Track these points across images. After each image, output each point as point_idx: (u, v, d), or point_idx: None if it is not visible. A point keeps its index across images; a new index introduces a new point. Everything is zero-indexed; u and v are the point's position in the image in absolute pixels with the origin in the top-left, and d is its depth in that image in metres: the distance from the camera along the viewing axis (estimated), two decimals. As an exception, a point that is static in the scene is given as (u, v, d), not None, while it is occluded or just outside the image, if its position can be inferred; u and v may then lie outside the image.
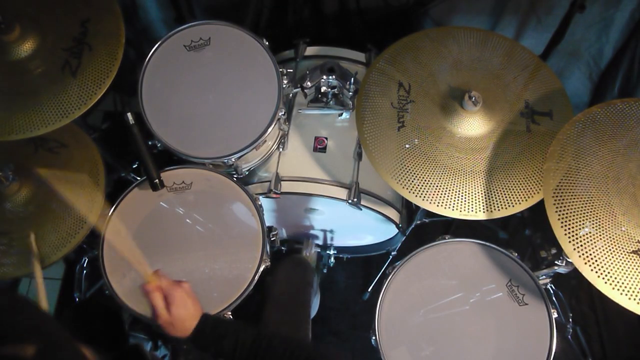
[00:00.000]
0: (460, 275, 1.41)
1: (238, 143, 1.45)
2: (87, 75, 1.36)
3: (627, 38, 1.88)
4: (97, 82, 1.36)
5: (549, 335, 1.32)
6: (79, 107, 1.34)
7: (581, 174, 1.21)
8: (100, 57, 1.38)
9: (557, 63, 2.03)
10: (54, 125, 1.33)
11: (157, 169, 1.40)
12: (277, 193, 1.55)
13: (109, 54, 1.38)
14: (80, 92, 1.35)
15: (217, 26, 1.55)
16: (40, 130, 1.32)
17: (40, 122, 1.32)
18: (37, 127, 1.32)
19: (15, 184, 1.45)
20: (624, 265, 1.11)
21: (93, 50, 1.39)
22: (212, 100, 1.49)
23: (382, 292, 1.40)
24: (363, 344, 2.09)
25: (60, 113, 1.33)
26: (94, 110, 1.40)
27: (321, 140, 1.66)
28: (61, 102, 1.33)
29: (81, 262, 1.97)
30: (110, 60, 1.38)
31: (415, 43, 1.53)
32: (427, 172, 1.35)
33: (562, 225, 1.16)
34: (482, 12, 1.98)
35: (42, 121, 1.32)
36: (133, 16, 2.10)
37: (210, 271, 1.33)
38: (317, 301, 1.96)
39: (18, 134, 1.32)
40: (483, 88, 1.43)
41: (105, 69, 1.37)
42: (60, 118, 1.33)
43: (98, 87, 1.35)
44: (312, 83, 1.61)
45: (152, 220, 1.40)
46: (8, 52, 1.35)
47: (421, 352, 1.33)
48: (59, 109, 1.33)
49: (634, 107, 1.29)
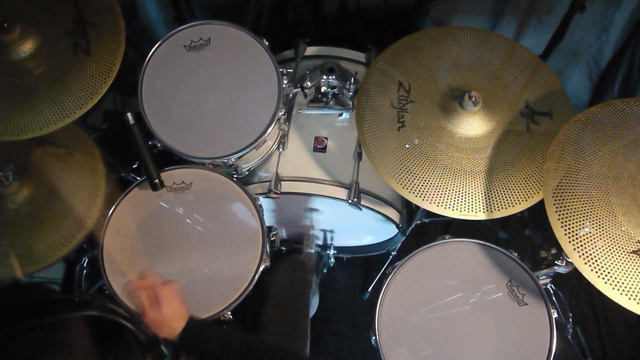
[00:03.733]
0: (460, 275, 1.41)
1: (238, 143, 1.45)
2: (100, 50, 1.38)
3: (627, 38, 1.88)
4: (112, 53, 1.38)
5: (549, 335, 1.32)
6: (80, 106, 1.34)
7: (581, 174, 1.21)
8: (105, 30, 1.40)
9: (557, 63, 2.03)
10: (54, 125, 1.33)
11: (157, 169, 1.40)
12: (277, 193, 1.55)
13: (109, 54, 1.38)
14: (99, 68, 1.37)
15: (217, 26, 1.55)
16: (42, 131, 1.32)
17: (40, 122, 1.33)
18: (37, 127, 1.32)
19: (16, 184, 1.45)
20: (624, 265, 1.11)
21: (96, 26, 1.40)
22: (212, 100, 1.49)
23: (382, 292, 1.40)
24: (363, 344, 2.09)
25: (60, 113, 1.33)
26: (94, 110, 1.40)
27: (321, 140, 1.66)
28: (61, 102, 1.34)
29: (81, 262, 1.96)
30: (110, 60, 1.38)
31: (415, 43, 1.53)
32: (427, 172, 1.35)
33: (562, 225, 1.16)
34: (482, 12, 1.98)
35: (42, 121, 1.33)
36: (133, 16, 2.10)
37: (210, 271, 1.33)
38: (316, 301, 1.96)
39: (19, 134, 1.32)
40: (483, 88, 1.43)
41: (105, 68, 1.37)
42: (61, 118, 1.33)
43: (112, 63, 1.37)
44: (312, 83, 1.61)
45: (152, 220, 1.40)
46: (8, 52, 1.35)
47: (421, 352, 1.33)
48: (59, 109, 1.33)
49: (634, 107, 1.29)
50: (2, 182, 1.41)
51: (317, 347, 1.55)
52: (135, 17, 2.11)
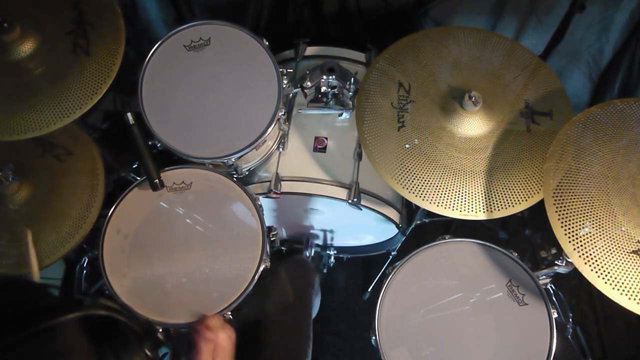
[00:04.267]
0: (460, 275, 1.41)
1: (238, 143, 1.45)
2: (100, 50, 1.38)
3: (627, 38, 1.88)
4: (112, 54, 1.38)
5: (549, 335, 1.32)
6: (80, 106, 1.34)
7: (581, 174, 1.21)
8: (105, 30, 1.40)
9: (557, 63, 2.03)
10: (54, 125, 1.33)
11: (157, 169, 1.40)
12: (277, 193, 1.55)
13: (109, 54, 1.38)
14: (99, 68, 1.37)
15: (217, 26, 1.55)
16: (42, 131, 1.32)
17: (40, 122, 1.33)
18: (37, 127, 1.32)
19: (15, 184, 1.45)
20: (624, 265, 1.11)
21: (96, 26, 1.40)
22: (212, 100, 1.49)
23: (382, 292, 1.40)
24: (363, 344, 2.09)
25: (60, 113, 1.33)
26: (94, 110, 1.40)
27: (321, 140, 1.66)
28: (61, 102, 1.34)
29: (81, 262, 1.96)
30: (110, 60, 1.38)
31: (415, 43, 1.53)
32: (427, 172, 1.35)
33: (562, 225, 1.16)
34: (482, 12, 1.98)
35: (42, 121, 1.33)
36: (133, 16, 2.10)
37: (210, 271, 1.33)
38: (317, 302, 1.96)
39: (19, 134, 1.32)
40: (483, 88, 1.43)
41: (105, 68, 1.37)
42: (61, 118, 1.33)
43: (112, 63, 1.38)
44: (312, 83, 1.61)
45: (152, 220, 1.40)
46: (8, 52, 1.35)
47: (421, 352, 1.33)
48: (59, 109, 1.33)
49: (634, 107, 1.29)
50: (2, 182, 1.41)
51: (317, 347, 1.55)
52: (135, 17, 2.11)
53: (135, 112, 1.40)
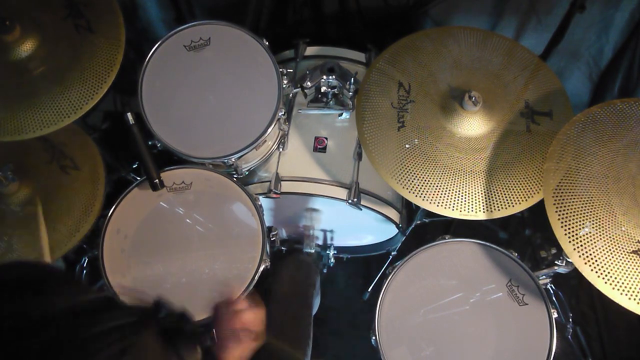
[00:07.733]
0: (460, 275, 1.41)
1: (238, 143, 1.45)
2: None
3: (627, 38, 1.88)
4: (112, 53, 1.38)
5: (549, 335, 1.32)
6: (80, 107, 1.34)
7: (581, 174, 1.21)
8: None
9: (557, 63, 2.03)
10: (54, 125, 1.33)
11: (157, 169, 1.40)
12: (277, 193, 1.55)
13: (109, 54, 1.38)
14: (99, 68, 1.37)
15: (217, 26, 1.55)
16: (42, 131, 1.32)
17: (40, 122, 1.33)
18: (37, 127, 1.32)
19: (15, 184, 1.45)
20: (624, 265, 1.11)
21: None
22: (212, 100, 1.49)
23: (382, 292, 1.40)
24: (363, 344, 2.09)
25: (60, 113, 1.33)
26: (94, 110, 1.40)
27: (321, 140, 1.66)
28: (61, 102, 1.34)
29: (81, 262, 1.96)
30: (110, 60, 1.38)
31: (415, 43, 1.53)
32: (427, 172, 1.35)
33: (562, 225, 1.16)
34: (482, 12, 1.98)
35: (42, 121, 1.33)
36: (133, 16, 2.10)
37: (210, 271, 1.33)
38: (317, 301, 1.96)
39: (19, 134, 1.32)
40: (483, 88, 1.43)
41: (105, 68, 1.37)
42: (61, 118, 1.33)
43: (111, 67, 1.37)
44: (312, 83, 1.61)
45: (152, 220, 1.40)
46: (8, 52, 1.35)
47: (421, 352, 1.33)
48: (59, 109, 1.33)
49: (634, 107, 1.29)
50: (2, 182, 1.41)
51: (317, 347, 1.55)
52: (135, 17, 2.11)
53: (135, 112, 1.41)
